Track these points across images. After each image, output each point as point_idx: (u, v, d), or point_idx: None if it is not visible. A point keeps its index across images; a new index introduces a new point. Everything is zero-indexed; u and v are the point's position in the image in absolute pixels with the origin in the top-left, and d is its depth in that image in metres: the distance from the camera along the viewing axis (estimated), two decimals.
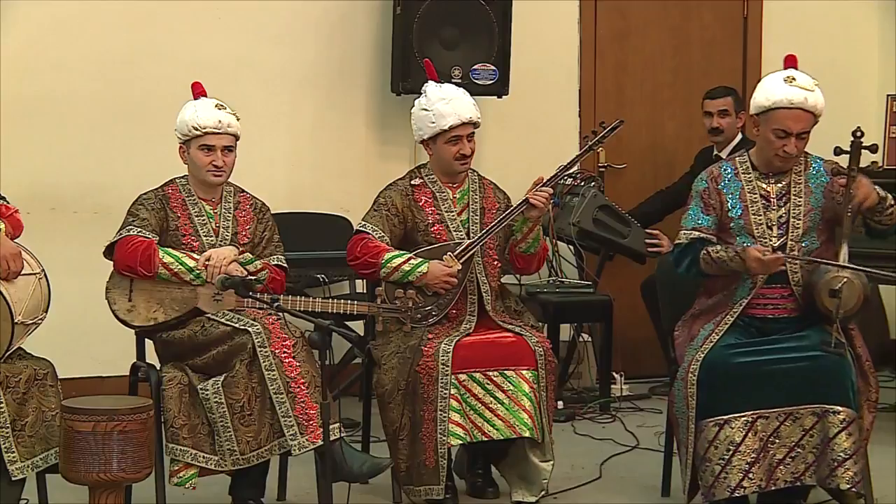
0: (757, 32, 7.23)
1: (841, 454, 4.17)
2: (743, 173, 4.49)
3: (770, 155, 4.41)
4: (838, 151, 4.37)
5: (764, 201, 4.45)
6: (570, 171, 5.49)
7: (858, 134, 4.36)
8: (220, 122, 4.54)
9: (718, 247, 4.42)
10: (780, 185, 4.46)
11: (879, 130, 6.96)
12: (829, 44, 7.28)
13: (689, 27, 7.17)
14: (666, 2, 7.12)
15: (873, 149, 4.34)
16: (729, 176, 4.50)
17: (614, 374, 6.41)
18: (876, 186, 4.33)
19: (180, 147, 4.59)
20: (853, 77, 7.34)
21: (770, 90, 4.38)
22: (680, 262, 4.52)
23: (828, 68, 7.18)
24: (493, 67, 6.33)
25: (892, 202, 4.34)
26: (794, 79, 4.36)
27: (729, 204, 4.46)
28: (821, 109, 4.37)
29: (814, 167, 4.49)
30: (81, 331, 5.79)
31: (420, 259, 4.68)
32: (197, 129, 4.52)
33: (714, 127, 6.41)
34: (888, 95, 6.98)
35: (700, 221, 4.49)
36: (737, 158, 4.56)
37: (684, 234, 4.51)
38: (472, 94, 4.88)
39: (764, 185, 4.46)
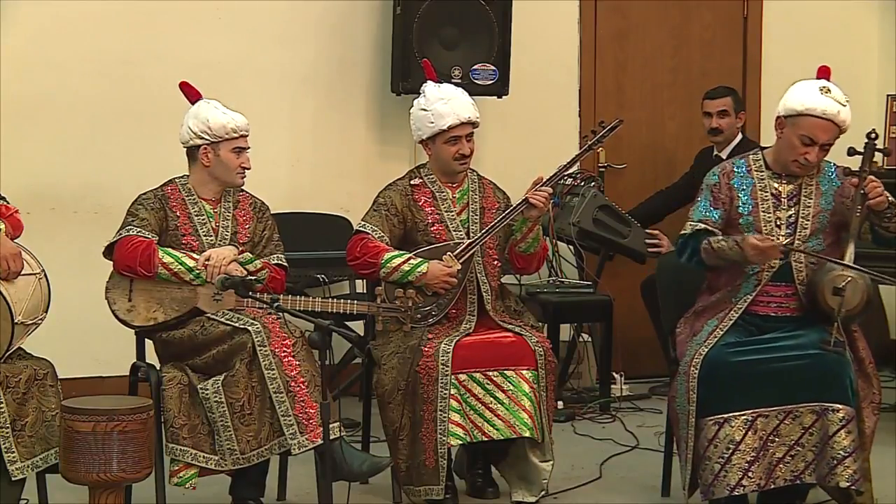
0: (757, 32, 7.23)
1: (840, 452, 4.17)
2: (756, 171, 4.50)
3: (788, 159, 4.42)
4: (852, 152, 4.39)
5: (774, 200, 4.46)
6: (570, 170, 5.50)
7: (873, 136, 4.40)
8: (247, 124, 4.60)
9: (720, 237, 4.43)
10: (791, 185, 4.47)
11: (879, 130, 6.96)
12: (829, 44, 7.27)
13: (689, 27, 7.17)
14: (666, 2, 7.12)
15: (886, 152, 4.36)
16: (742, 172, 4.51)
17: (614, 374, 6.41)
18: (885, 192, 4.34)
19: (203, 148, 4.57)
20: (853, 77, 7.30)
21: (805, 96, 4.37)
22: (682, 251, 4.54)
23: None
24: (493, 67, 6.33)
25: None
26: (829, 90, 4.37)
27: (740, 200, 4.47)
28: (848, 125, 4.38)
29: (826, 171, 4.50)
30: (81, 331, 5.78)
31: (420, 259, 4.68)
32: (235, 132, 4.55)
33: (713, 127, 6.41)
34: (888, 95, 6.98)
35: (708, 214, 4.50)
36: (750, 156, 4.56)
37: (690, 224, 4.52)
38: (472, 94, 4.88)
39: (775, 185, 4.47)
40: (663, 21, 7.12)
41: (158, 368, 4.47)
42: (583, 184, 6.38)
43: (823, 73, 4.47)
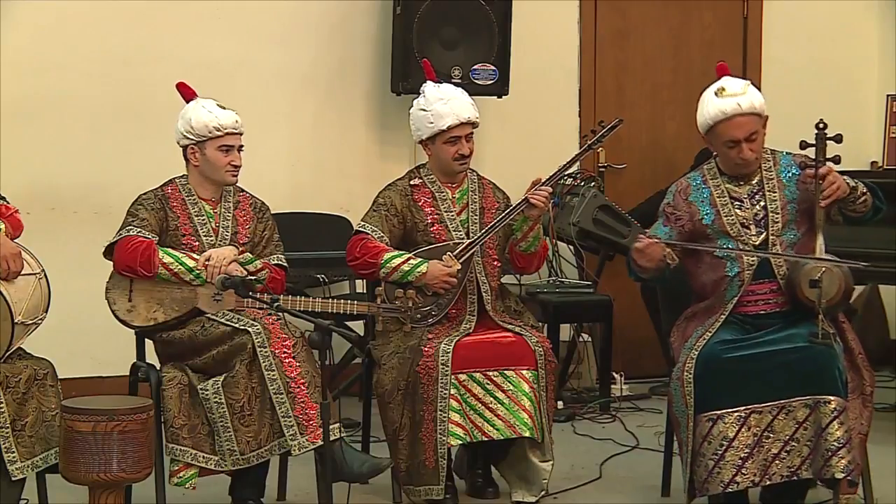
0: (757, 32, 7.23)
1: (834, 444, 4.16)
2: (711, 179, 4.55)
3: (731, 164, 4.49)
4: (804, 145, 4.41)
5: (736, 202, 4.49)
6: (570, 170, 5.50)
7: (822, 126, 4.41)
8: (237, 122, 4.58)
9: None
10: (750, 185, 4.50)
11: (879, 130, 6.98)
12: (829, 44, 7.29)
13: (689, 27, 7.18)
14: (666, 2, 7.12)
15: (837, 139, 4.37)
16: (697, 185, 4.57)
17: (614, 374, 6.42)
18: (845, 176, 4.35)
19: (190, 148, 4.58)
20: (853, 77, 7.34)
21: (705, 109, 4.45)
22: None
23: (828, 68, 7.24)
24: (493, 67, 6.33)
25: (864, 190, 4.37)
26: (723, 89, 4.42)
27: (701, 212, 4.51)
28: (760, 107, 4.41)
29: (783, 162, 4.53)
30: (81, 331, 5.79)
31: (419, 259, 4.68)
32: (219, 130, 4.53)
33: None
34: (888, 95, 6.99)
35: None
36: (705, 167, 4.62)
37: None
38: (471, 94, 4.88)
39: (734, 188, 4.51)
40: (663, 21, 7.12)
41: (158, 368, 4.48)
42: (583, 184, 6.38)
43: (720, 71, 4.53)
